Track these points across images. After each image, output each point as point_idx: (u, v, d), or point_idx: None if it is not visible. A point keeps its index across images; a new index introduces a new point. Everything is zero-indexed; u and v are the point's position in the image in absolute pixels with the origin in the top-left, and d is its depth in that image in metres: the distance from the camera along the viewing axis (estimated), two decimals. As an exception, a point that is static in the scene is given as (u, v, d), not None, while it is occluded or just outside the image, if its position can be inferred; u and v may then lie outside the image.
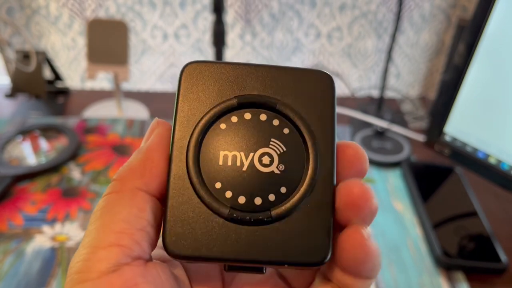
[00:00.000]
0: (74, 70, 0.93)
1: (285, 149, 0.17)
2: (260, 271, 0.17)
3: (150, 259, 0.17)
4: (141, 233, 0.17)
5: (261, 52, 0.92)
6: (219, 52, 0.75)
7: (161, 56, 0.92)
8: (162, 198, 0.18)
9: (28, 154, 0.65)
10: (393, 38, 0.70)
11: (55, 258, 0.50)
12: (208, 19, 0.88)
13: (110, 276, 0.16)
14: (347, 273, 0.17)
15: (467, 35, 0.53)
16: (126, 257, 0.16)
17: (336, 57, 0.93)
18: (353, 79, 0.95)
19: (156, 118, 0.19)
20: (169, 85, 0.96)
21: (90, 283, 0.15)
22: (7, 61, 0.73)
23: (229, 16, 0.87)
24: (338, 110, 0.77)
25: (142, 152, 0.18)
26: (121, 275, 0.16)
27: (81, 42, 0.90)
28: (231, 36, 0.90)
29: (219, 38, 0.73)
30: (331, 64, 0.93)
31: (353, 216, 0.17)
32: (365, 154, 0.18)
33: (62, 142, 0.67)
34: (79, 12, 0.87)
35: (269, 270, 0.20)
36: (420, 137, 0.70)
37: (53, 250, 0.51)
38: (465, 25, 0.72)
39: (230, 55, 0.92)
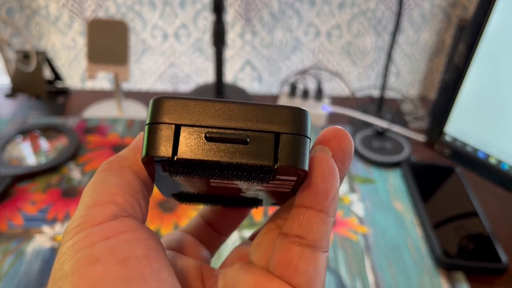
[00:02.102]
0: (74, 70, 0.93)
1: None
2: (244, 143, 0.16)
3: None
4: (133, 198, 0.17)
5: (261, 51, 0.92)
6: (219, 52, 0.75)
7: (161, 56, 0.92)
8: (146, 180, 0.18)
9: (28, 154, 0.65)
10: (393, 38, 0.70)
11: (55, 258, 0.50)
12: (208, 18, 0.88)
13: (109, 223, 0.16)
14: (308, 195, 0.17)
15: (467, 35, 0.53)
16: (122, 212, 0.16)
17: (335, 55, 0.93)
18: (352, 77, 0.95)
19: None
20: (169, 85, 0.96)
21: (90, 230, 0.16)
22: (7, 61, 0.73)
23: (229, 15, 0.87)
24: (338, 110, 0.77)
25: (128, 146, 0.19)
26: (121, 221, 0.16)
27: (81, 42, 0.90)
28: (231, 35, 0.90)
29: (219, 38, 0.73)
30: (330, 62, 0.93)
31: (325, 145, 0.18)
32: (346, 133, 0.18)
33: (62, 142, 0.67)
34: (79, 12, 0.87)
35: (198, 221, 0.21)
36: (420, 137, 0.70)
37: (53, 250, 0.51)
38: (465, 25, 0.72)
39: (230, 54, 0.92)
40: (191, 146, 0.16)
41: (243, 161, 0.16)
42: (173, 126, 0.16)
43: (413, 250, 0.53)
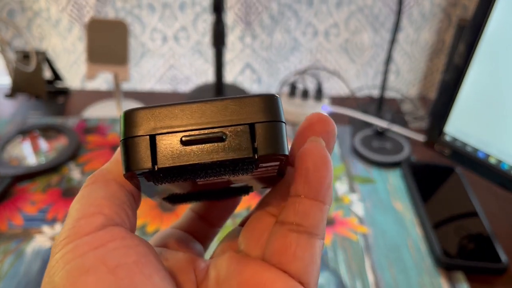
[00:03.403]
0: (74, 73, 0.93)
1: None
2: (221, 140, 0.16)
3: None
4: (120, 208, 0.17)
5: (261, 54, 0.92)
6: (218, 52, 0.75)
7: (161, 58, 0.92)
8: (133, 191, 0.19)
9: (28, 154, 0.65)
10: (394, 38, 0.70)
11: (55, 258, 0.50)
12: (207, 21, 0.88)
13: (98, 233, 0.16)
14: (302, 186, 0.17)
15: (467, 35, 0.53)
16: (110, 221, 0.16)
17: (333, 53, 0.92)
18: (350, 75, 0.95)
19: None
20: (169, 86, 0.96)
21: (79, 241, 0.16)
22: (7, 62, 0.73)
23: (229, 19, 0.87)
24: (338, 110, 0.77)
25: (110, 160, 0.19)
26: (109, 230, 0.16)
27: (81, 48, 0.90)
28: (231, 39, 0.90)
29: (218, 38, 0.73)
30: (328, 61, 0.93)
31: (311, 135, 0.18)
32: (329, 118, 0.18)
33: (62, 142, 0.67)
34: (78, 18, 0.87)
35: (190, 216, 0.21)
36: (420, 137, 0.70)
37: (53, 250, 0.51)
38: (465, 25, 0.72)
39: (230, 57, 0.92)
40: (169, 153, 0.16)
41: (223, 158, 0.16)
42: (148, 137, 0.16)
43: (413, 250, 0.53)
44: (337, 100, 0.84)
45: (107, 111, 0.77)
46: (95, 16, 0.86)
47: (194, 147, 0.16)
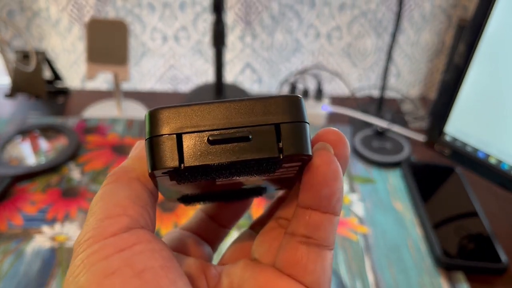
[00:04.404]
0: (74, 73, 0.93)
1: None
2: (247, 140, 0.16)
3: None
4: (143, 210, 0.17)
5: (261, 54, 0.92)
6: (219, 52, 0.75)
7: (161, 58, 0.92)
8: (153, 191, 0.18)
9: (28, 154, 0.65)
10: (393, 38, 0.70)
11: (54, 258, 0.50)
12: (207, 21, 0.88)
13: (123, 235, 0.16)
14: (311, 198, 0.17)
15: (467, 35, 0.53)
16: (135, 224, 0.16)
17: (335, 56, 0.92)
18: (352, 78, 0.95)
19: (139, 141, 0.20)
20: (169, 86, 0.96)
21: (104, 242, 0.15)
22: (7, 62, 0.73)
23: (229, 18, 0.87)
24: (338, 110, 0.77)
25: (131, 156, 0.19)
26: (134, 233, 0.16)
27: (80, 48, 0.90)
28: (231, 38, 0.90)
29: (219, 38, 0.73)
30: (330, 64, 0.93)
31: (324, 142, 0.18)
32: (343, 136, 0.18)
33: (62, 142, 0.67)
34: (78, 17, 0.86)
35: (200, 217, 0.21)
36: (420, 137, 0.70)
37: (52, 250, 0.51)
38: (465, 25, 0.72)
39: (230, 57, 0.92)
40: (195, 152, 0.16)
41: (250, 158, 0.16)
42: (174, 135, 0.16)
43: (413, 250, 0.53)
44: (337, 100, 0.83)
45: (107, 111, 0.77)
46: (95, 16, 0.86)
47: (220, 146, 0.16)
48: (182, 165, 0.16)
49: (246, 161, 0.16)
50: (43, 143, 0.67)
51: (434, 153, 0.61)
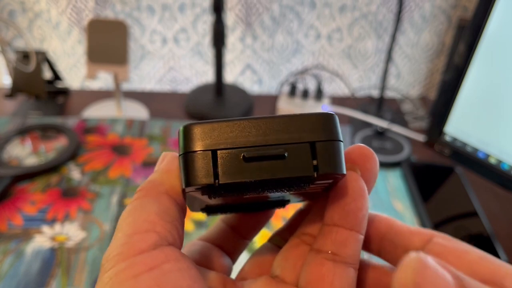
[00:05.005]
0: (74, 75, 0.93)
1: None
2: (282, 158, 0.16)
3: None
4: (172, 226, 0.17)
5: (262, 55, 0.92)
6: (218, 52, 0.75)
7: (161, 60, 0.92)
8: (183, 205, 0.18)
9: (27, 154, 0.65)
10: (393, 38, 0.70)
11: (54, 258, 0.50)
12: (207, 22, 0.88)
13: (152, 252, 0.15)
14: (338, 215, 0.17)
15: (467, 35, 0.53)
16: (163, 241, 0.16)
17: (336, 58, 0.92)
18: (353, 80, 0.95)
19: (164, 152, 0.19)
20: (169, 88, 0.96)
21: (133, 259, 0.15)
22: (8, 62, 0.73)
23: (230, 19, 0.87)
24: (338, 110, 0.77)
25: (159, 170, 0.18)
26: (163, 251, 0.16)
27: (80, 51, 0.90)
28: (232, 39, 0.90)
29: (218, 38, 0.73)
30: (331, 65, 0.93)
31: (354, 163, 0.18)
32: (372, 153, 0.18)
33: (61, 142, 0.67)
34: (77, 21, 0.86)
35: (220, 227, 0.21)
36: (420, 137, 0.70)
37: (52, 251, 0.51)
38: (465, 25, 0.72)
39: (231, 58, 0.92)
40: (230, 169, 0.16)
41: (285, 176, 0.16)
42: (209, 152, 0.16)
43: (413, 250, 0.53)
44: (337, 100, 0.84)
45: (107, 111, 0.77)
46: (95, 16, 0.86)
47: (255, 163, 0.16)
48: (217, 181, 0.16)
49: (280, 179, 0.16)
50: (43, 143, 0.67)
51: (434, 153, 0.61)
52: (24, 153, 0.65)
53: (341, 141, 0.17)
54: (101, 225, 0.55)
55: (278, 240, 0.22)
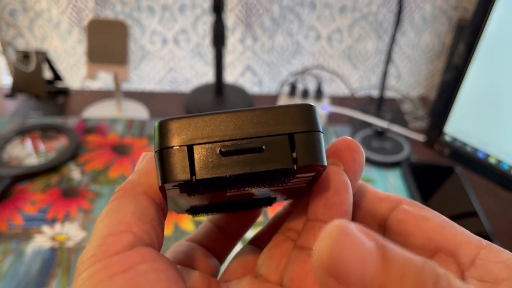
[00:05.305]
0: (74, 75, 0.93)
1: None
2: (260, 151, 0.15)
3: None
4: (149, 226, 0.17)
5: (262, 56, 0.92)
6: (218, 52, 0.75)
7: (161, 61, 0.92)
8: (162, 205, 0.18)
9: (28, 154, 0.65)
10: (393, 38, 0.70)
11: (54, 258, 0.50)
12: (207, 23, 0.88)
13: (127, 253, 0.15)
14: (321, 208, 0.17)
15: (467, 35, 0.53)
16: (140, 241, 0.16)
17: (336, 59, 0.92)
18: (353, 80, 0.95)
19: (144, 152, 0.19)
20: (169, 89, 0.96)
21: (107, 261, 0.15)
22: (8, 62, 0.73)
23: (230, 21, 0.87)
24: (338, 110, 0.77)
25: (138, 170, 0.18)
26: (139, 251, 0.15)
27: (80, 51, 0.90)
28: (232, 41, 0.90)
29: (218, 38, 0.73)
30: (331, 66, 0.93)
31: (337, 159, 0.18)
32: (358, 145, 0.18)
33: (62, 142, 0.67)
34: (77, 21, 0.87)
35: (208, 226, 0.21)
36: (420, 137, 0.70)
37: (52, 250, 0.51)
38: (465, 25, 0.72)
39: (231, 59, 0.92)
40: (207, 164, 0.15)
41: (263, 169, 0.15)
42: (185, 147, 0.15)
43: (413, 250, 0.53)
44: (337, 100, 0.84)
45: (107, 111, 0.77)
46: (95, 16, 0.86)
47: (232, 157, 0.15)
48: (194, 177, 0.15)
49: (259, 172, 0.15)
50: (43, 143, 0.67)
51: (434, 153, 0.61)
52: (24, 153, 0.65)
53: (321, 132, 0.16)
54: (101, 225, 0.55)
55: (259, 242, 0.22)
